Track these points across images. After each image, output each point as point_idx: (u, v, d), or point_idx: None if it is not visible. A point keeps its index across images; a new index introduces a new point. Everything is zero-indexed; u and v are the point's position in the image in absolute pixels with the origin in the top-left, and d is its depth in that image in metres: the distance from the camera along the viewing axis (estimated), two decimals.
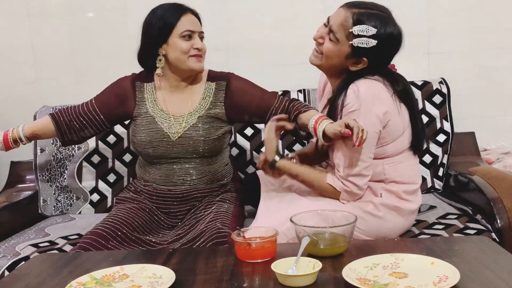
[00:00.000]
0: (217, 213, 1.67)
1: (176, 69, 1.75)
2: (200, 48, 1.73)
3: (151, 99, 1.80)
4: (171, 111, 1.77)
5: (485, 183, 1.81)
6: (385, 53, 1.60)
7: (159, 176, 1.78)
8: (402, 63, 2.45)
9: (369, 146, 1.54)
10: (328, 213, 1.43)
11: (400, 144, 1.61)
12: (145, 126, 1.77)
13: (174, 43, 1.70)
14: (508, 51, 2.43)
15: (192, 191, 1.77)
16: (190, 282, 1.15)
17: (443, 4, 2.42)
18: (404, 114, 1.60)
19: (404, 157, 1.64)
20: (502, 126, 2.45)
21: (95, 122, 1.83)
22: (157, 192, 1.79)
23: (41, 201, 2.27)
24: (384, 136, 1.57)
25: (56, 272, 1.28)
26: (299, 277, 1.09)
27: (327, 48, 1.59)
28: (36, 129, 1.84)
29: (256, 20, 2.47)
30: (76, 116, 1.82)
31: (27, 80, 2.58)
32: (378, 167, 1.61)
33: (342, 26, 1.55)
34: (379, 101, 1.53)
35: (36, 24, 2.54)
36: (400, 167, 1.63)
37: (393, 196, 1.62)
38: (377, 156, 1.59)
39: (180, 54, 1.70)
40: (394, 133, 1.58)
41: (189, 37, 1.71)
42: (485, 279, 1.06)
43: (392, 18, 1.60)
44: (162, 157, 1.76)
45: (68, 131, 1.83)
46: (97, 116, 1.82)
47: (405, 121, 1.60)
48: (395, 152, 1.61)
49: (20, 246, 1.82)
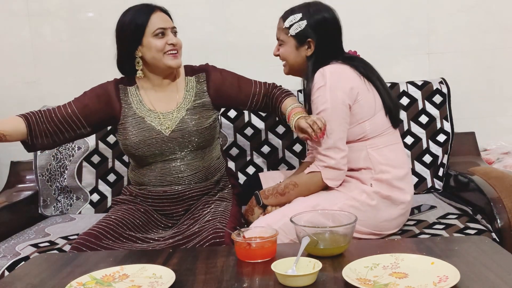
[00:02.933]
0: (214, 213, 1.68)
1: (155, 68, 1.76)
2: (175, 43, 1.73)
3: (137, 101, 1.79)
4: (158, 110, 1.78)
5: (485, 183, 1.81)
6: (326, 31, 1.71)
7: (153, 177, 1.77)
8: (402, 63, 2.47)
9: (339, 120, 1.61)
10: (328, 212, 1.43)
11: (378, 122, 1.67)
12: (135, 127, 1.76)
13: (149, 43, 1.70)
14: (508, 51, 2.43)
15: (187, 191, 1.77)
16: (190, 282, 1.15)
17: (443, 4, 2.43)
18: (375, 93, 1.68)
19: (388, 140, 1.69)
20: (502, 126, 2.45)
21: (73, 125, 1.76)
22: (152, 195, 1.78)
23: (41, 201, 2.27)
24: (358, 111, 1.64)
25: (56, 272, 1.28)
26: (299, 277, 1.09)
27: (282, 53, 1.76)
28: (4, 128, 1.64)
29: (256, 20, 2.47)
30: (51, 119, 1.74)
31: (27, 80, 2.58)
32: (363, 152, 1.66)
33: (280, 29, 1.76)
34: (344, 78, 1.64)
35: (36, 24, 2.55)
36: (385, 151, 1.67)
37: (383, 184, 1.64)
38: (358, 137, 1.66)
39: (155, 52, 1.71)
40: (369, 109, 1.65)
41: (162, 35, 1.71)
42: (485, 279, 1.06)
43: (319, 2, 1.76)
44: (157, 155, 1.75)
45: (39, 134, 1.72)
46: (76, 118, 1.75)
47: (377, 99, 1.68)
48: (375, 133, 1.67)
49: (20, 246, 1.82)
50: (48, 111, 1.77)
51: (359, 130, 1.66)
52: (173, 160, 1.76)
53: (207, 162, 1.82)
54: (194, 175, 1.78)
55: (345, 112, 1.62)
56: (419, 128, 2.21)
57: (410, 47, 2.46)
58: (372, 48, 2.46)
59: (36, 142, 1.73)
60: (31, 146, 1.74)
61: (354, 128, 1.65)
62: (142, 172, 1.81)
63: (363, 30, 2.45)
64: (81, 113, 1.76)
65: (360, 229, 1.61)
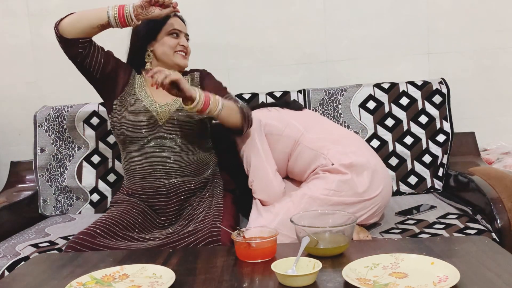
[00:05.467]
0: (208, 212, 1.69)
1: (162, 63, 1.85)
2: (186, 46, 1.88)
3: (140, 86, 1.86)
4: (157, 100, 1.83)
5: (485, 183, 1.82)
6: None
7: (143, 167, 1.77)
8: (402, 63, 2.47)
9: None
10: (328, 212, 1.43)
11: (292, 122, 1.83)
12: (133, 107, 1.80)
13: (163, 40, 1.84)
14: (508, 51, 2.43)
15: (180, 185, 1.77)
16: (190, 282, 1.15)
17: (443, 4, 2.43)
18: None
19: (308, 126, 1.83)
20: (502, 126, 2.45)
21: (99, 57, 1.79)
22: (145, 191, 1.78)
23: (41, 201, 2.28)
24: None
25: (56, 272, 1.28)
26: (299, 277, 1.09)
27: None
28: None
29: (256, 21, 2.47)
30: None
31: (27, 80, 2.58)
32: (306, 150, 1.78)
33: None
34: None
35: (36, 24, 2.55)
36: (314, 137, 1.79)
37: (336, 155, 1.72)
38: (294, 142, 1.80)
39: (167, 49, 1.84)
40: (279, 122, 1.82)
41: (176, 36, 1.85)
42: (485, 279, 1.06)
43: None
44: (147, 141, 1.77)
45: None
46: (104, 54, 1.80)
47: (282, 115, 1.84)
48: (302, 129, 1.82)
49: (20, 246, 1.83)
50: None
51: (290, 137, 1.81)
52: (163, 149, 1.77)
53: (199, 156, 1.83)
54: (185, 167, 1.79)
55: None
56: (418, 128, 2.21)
57: (410, 47, 2.46)
58: (372, 48, 2.46)
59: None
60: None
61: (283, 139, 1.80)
62: (133, 163, 1.80)
63: (363, 30, 2.45)
64: (107, 56, 1.81)
65: (348, 201, 1.67)
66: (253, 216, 1.73)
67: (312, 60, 2.48)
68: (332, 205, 1.63)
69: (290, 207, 1.63)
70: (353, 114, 2.23)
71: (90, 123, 2.29)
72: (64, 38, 1.71)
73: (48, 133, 2.30)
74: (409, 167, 2.20)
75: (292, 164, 1.82)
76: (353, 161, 1.69)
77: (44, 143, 2.29)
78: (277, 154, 1.81)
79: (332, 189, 1.65)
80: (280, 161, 1.82)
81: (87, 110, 2.29)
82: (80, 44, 1.72)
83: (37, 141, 2.30)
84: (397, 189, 2.19)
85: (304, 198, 1.65)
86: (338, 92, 2.26)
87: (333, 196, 1.64)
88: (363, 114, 2.23)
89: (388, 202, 1.80)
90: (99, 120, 2.29)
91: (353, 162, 1.69)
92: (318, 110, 2.24)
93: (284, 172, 1.86)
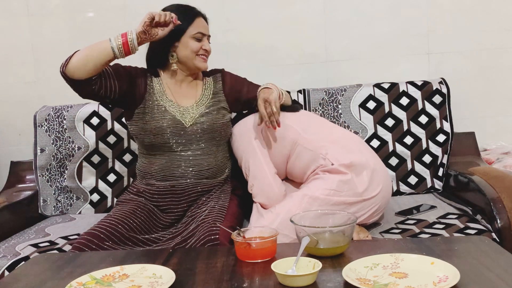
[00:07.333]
0: (211, 211, 1.69)
1: (183, 65, 1.86)
2: (208, 50, 1.87)
3: (159, 90, 1.85)
4: (179, 103, 1.84)
5: (485, 183, 1.82)
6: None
7: (162, 169, 1.79)
8: (402, 63, 2.47)
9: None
10: (328, 212, 1.43)
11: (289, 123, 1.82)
12: (156, 113, 1.80)
13: (186, 42, 1.81)
14: (508, 51, 2.43)
15: (193, 186, 1.79)
16: (190, 282, 1.15)
17: (443, 4, 2.43)
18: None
19: (306, 126, 1.83)
20: (502, 126, 2.45)
21: (114, 78, 1.75)
22: (159, 191, 1.79)
23: (41, 201, 2.28)
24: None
25: (56, 272, 1.28)
26: (299, 277, 1.09)
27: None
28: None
29: (256, 20, 2.47)
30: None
31: (27, 80, 2.58)
32: (305, 151, 1.77)
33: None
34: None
35: (36, 24, 2.55)
36: (311, 135, 1.80)
37: (335, 153, 1.72)
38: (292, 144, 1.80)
39: (190, 52, 1.82)
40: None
41: (200, 39, 1.83)
42: (485, 279, 1.06)
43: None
44: (171, 145, 1.78)
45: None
46: (117, 72, 1.76)
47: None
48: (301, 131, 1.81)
49: (20, 246, 1.83)
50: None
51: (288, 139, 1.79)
52: (187, 151, 1.79)
53: (219, 159, 1.86)
54: (205, 170, 1.81)
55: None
56: (418, 128, 2.21)
57: (410, 47, 2.46)
58: (372, 48, 2.46)
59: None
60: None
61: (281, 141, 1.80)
62: (151, 164, 1.82)
63: (363, 30, 2.45)
64: (119, 70, 1.77)
65: (348, 200, 1.66)
66: (254, 218, 1.73)
67: (312, 60, 2.48)
68: (332, 205, 1.63)
69: (291, 207, 1.63)
70: (353, 114, 2.23)
71: (90, 123, 2.29)
72: (76, 81, 1.67)
73: (48, 133, 2.30)
74: (409, 167, 2.20)
75: (292, 166, 1.82)
76: (353, 160, 1.69)
77: (44, 143, 2.29)
78: (276, 156, 1.81)
79: (333, 189, 1.65)
80: (279, 163, 1.82)
81: (87, 110, 2.29)
82: (93, 81, 1.69)
83: (37, 141, 2.30)
84: (397, 189, 2.19)
85: (305, 199, 1.65)
86: (338, 92, 2.26)
87: (333, 196, 1.64)
88: (363, 114, 2.23)
89: (388, 202, 1.80)
90: (99, 120, 2.29)
91: (352, 162, 1.69)
92: (318, 110, 2.24)
93: (283, 174, 1.87)
